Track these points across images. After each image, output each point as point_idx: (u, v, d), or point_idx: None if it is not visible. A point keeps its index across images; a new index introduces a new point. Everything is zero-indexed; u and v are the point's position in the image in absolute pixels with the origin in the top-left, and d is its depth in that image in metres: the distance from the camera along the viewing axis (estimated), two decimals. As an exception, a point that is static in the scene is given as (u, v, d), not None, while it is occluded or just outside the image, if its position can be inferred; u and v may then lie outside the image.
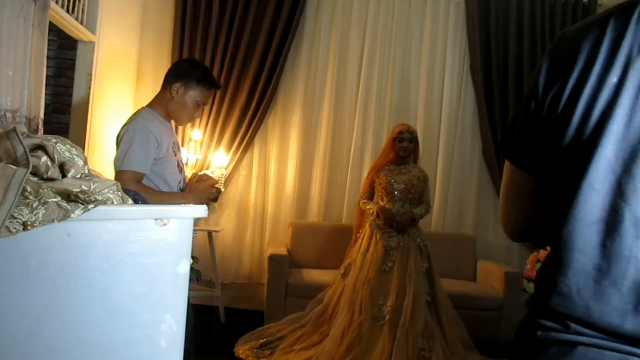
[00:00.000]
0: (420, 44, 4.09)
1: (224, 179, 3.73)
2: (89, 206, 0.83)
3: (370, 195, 3.34)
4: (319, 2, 4.04)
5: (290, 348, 3.05)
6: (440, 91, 4.09)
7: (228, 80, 3.85)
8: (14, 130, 0.83)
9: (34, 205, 0.78)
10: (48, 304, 0.82)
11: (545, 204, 0.77)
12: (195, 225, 1.02)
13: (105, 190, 0.87)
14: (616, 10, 0.72)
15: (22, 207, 0.78)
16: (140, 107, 2.10)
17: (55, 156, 0.85)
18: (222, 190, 3.82)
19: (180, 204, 1.75)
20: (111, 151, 2.50)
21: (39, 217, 0.78)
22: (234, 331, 3.36)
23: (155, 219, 0.90)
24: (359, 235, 3.31)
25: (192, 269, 3.15)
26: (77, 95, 3.19)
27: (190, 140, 3.82)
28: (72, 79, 3.20)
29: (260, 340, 3.16)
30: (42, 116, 2.34)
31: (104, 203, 0.86)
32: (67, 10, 2.83)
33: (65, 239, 0.83)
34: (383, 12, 4.06)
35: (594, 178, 0.69)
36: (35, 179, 0.82)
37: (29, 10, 2.16)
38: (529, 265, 3.44)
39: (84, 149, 3.03)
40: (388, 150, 3.32)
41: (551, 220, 0.74)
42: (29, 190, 0.79)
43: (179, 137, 3.77)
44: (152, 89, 2.20)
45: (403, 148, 3.22)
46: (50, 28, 2.40)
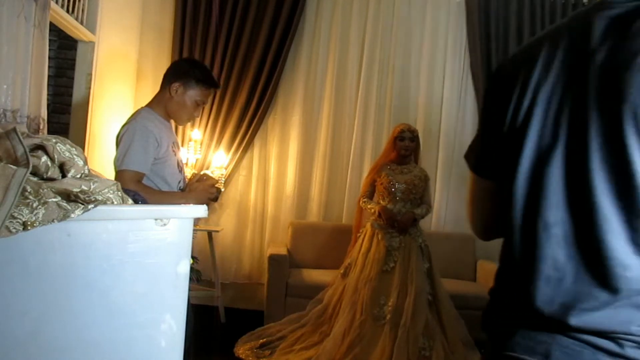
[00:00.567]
0: (421, 44, 4.09)
1: (224, 179, 3.73)
2: (89, 206, 0.83)
3: (370, 195, 3.35)
4: (319, 2, 4.04)
5: (290, 348, 3.05)
6: (441, 91, 4.09)
7: (228, 80, 3.85)
8: (14, 130, 0.83)
9: (34, 205, 0.78)
10: (48, 304, 0.82)
11: (502, 207, 0.86)
12: (195, 225, 1.02)
13: (105, 190, 0.87)
14: (549, 36, 0.82)
15: (22, 207, 0.78)
16: (140, 107, 2.10)
17: (55, 156, 0.85)
18: (222, 190, 3.82)
19: (180, 203, 1.77)
20: (111, 151, 2.50)
21: (39, 217, 0.78)
22: (234, 331, 3.36)
23: (155, 219, 0.90)
24: (359, 235, 3.31)
25: (192, 269, 3.15)
26: (77, 95, 3.19)
27: (190, 140, 3.82)
28: (72, 79, 3.20)
29: (260, 340, 3.16)
30: (45, 116, 2.34)
31: (104, 203, 0.86)
32: (67, 10, 2.83)
33: (65, 239, 0.83)
34: (383, 12, 4.06)
35: (517, 186, 0.79)
36: (35, 179, 0.82)
37: (29, 9, 2.16)
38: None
39: (84, 149, 3.03)
40: (389, 150, 3.33)
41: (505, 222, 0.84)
42: (29, 190, 0.79)
43: (179, 137, 3.77)
44: (152, 89, 2.20)
45: (404, 147, 3.23)
46: (50, 28, 2.40)
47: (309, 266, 3.79)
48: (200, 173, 2.29)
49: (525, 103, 0.79)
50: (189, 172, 3.44)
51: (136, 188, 1.79)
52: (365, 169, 3.94)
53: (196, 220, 1.09)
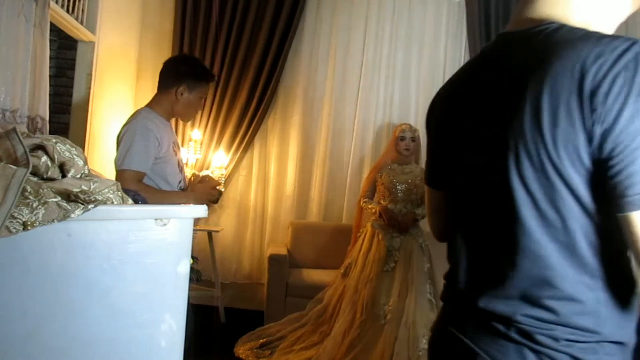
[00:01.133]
0: (421, 44, 4.08)
1: (224, 179, 3.73)
2: (89, 206, 0.83)
3: (371, 194, 3.35)
4: (319, 2, 4.04)
5: (290, 348, 3.05)
6: (441, 91, 4.08)
7: (228, 80, 3.85)
8: (14, 130, 0.83)
9: (34, 205, 0.78)
10: (48, 304, 0.82)
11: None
12: (195, 225, 1.02)
13: (105, 190, 0.87)
14: (469, 63, 0.96)
15: (22, 207, 0.78)
16: (139, 108, 2.10)
17: (55, 156, 0.85)
18: (223, 190, 3.82)
19: (181, 203, 1.81)
20: (111, 151, 2.50)
21: (39, 217, 0.78)
22: (234, 331, 3.36)
23: (155, 219, 0.90)
24: (359, 235, 3.32)
25: (192, 269, 3.15)
26: (77, 95, 3.19)
27: (190, 140, 3.82)
28: (72, 79, 3.19)
29: (260, 340, 3.16)
30: (47, 116, 2.34)
31: (104, 203, 0.86)
32: (67, 10, 2.83)
33: (65, 239, 0.83)
34: (383, 12, 4.06)
35: (450, 195, 0.97)
36: (35, 179, 0.82)
37: (29, 9, 2.16)
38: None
39: (84, 149, 3.03)
40: (390, 150, 3.34)
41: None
42: (29, 190, 0.79)
43: (179, 137, 3.77)
44: (152, 89, 2.21)
45: (405, 147, 3.25)
46: (50, 28, 2.40)
47: (309, 266, 3.79)
48: (202, 174, 2.30)
49: (451, 122, 0.92)
50: (188, 172, 3.44)
51: (137, 187, 1.80)
52: (365, 169, 3.94)
53: (196, 220, 1.09)
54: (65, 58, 3.36)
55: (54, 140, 0.86)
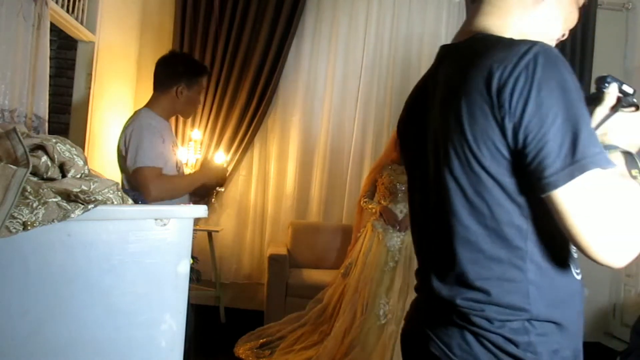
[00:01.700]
0: (421, 44, 4.08)
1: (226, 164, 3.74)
2: (89, 206, 0.83)
3: (371, 194, 3.34)
4: (319, 2, 4.04)
5: (290, 348, 3.05)
6: (441, 91, 4.08)
7: (228, 80, 3.85)
8: (14, 130, 0.83)
9: (34, 205, 0.78)
10: (48, 304, 0.82)
11: None
12: (195, 225, 1.02)
13: (105, 190, 0.86)
14: (424, 76, 1.00)
15: (22, 207, 0.77)
16: (138, 109, 2.11)
17: (55, 156, 0.85)
18: (223, 190, 3.82)
19: (202, 181, 2.04)
20: (111, 151, 2.50)
21: (39, 217, 0.78)
22: (234, 331, 3.36)
23: (155, 219, 0.90)
24: (359, 234, 3.32)
25: (192, 269, 3.15)
26: (77, 95, 3.18)
27: (190, 140, 3.82)
28: (72, 79, 3.19)
29: (260, 340, 3.16)
30: (46, 116, 2.34)
31: (104, 203, 0.86)
32: (67, 10, 2.83)
33: (65, 239, 0.83)
34: (384, 12, 4.06)
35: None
36: (35, 179, 0.82)
37: (28, 9, 2.16)
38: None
39: (84, 149, 3.03)
40: (391, 150, 3.32)
41: None
42: (29, 190, 0.79)
43: (179, 137, 3.77)
44: (152, 89, 2.21)
45: None
46: (50, 28, 2.40)
47: (309, 266, 3.79)
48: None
49: (406, 128, 1.02)
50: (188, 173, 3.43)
51: (160, 182, 1.84)
52: (365, 169, 3.94)
53: (196, 220, 1.09)
54: (65, 58, 3.36)
55: (54, 140, 0.86)
